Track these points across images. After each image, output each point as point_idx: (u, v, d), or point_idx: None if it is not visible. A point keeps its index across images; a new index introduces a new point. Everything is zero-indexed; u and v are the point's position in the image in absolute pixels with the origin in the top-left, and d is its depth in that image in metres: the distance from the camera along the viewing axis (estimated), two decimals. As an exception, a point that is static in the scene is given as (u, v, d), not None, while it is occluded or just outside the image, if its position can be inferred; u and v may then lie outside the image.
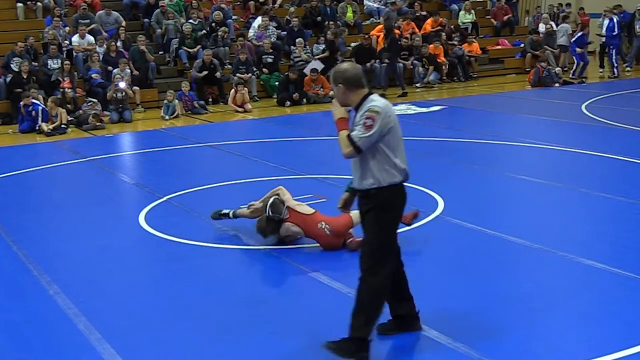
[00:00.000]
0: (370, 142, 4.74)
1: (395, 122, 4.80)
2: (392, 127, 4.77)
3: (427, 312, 5.49)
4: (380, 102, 4.77)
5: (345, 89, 4.82)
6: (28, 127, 14.58)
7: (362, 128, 4.71)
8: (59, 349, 5.23)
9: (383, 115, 4.71)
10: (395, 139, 4.84)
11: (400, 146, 4.90)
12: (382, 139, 4.76)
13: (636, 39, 21.50)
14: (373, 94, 4.84)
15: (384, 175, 4.86)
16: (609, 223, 7.73)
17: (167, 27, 18.95)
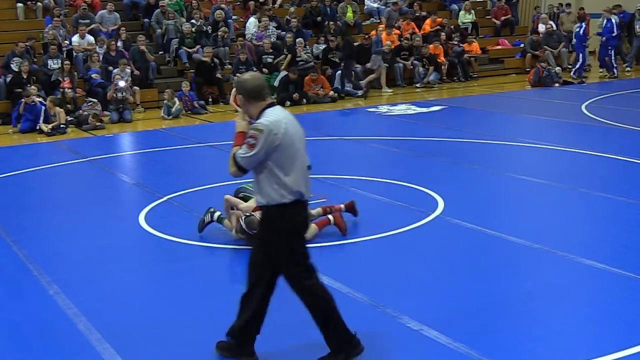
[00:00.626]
0: (254, 162, 4.57)
1: (287, 139, 4.56)
2: (279, 145, 4.53)
3: (427, 312, 5.50)
4: (269, 118, 4.58)
5: (245, 100, 4.70)
6: (28, 127, 14.58)
7: (246, 147, 4.56)
8: (59, 349, 5.23)
9: (267, 133, 4.51)
10: (287, 157, 4.58)
11: (295, 165, 4.61)
12: (270, 156, 4.54)
13: (636, 39, 21.49)
14: (272, 107, 4.67)
15: (272, 194, 4.61)
16: (609, 223, 7.73)
17: (167, 27, 18.95)
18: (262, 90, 4.69)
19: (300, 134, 4.73)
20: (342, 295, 5.91)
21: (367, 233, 7.40)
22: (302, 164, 4.68)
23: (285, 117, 4.66)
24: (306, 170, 4.73)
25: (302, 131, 4.76)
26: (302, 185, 4.65)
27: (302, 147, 4.72)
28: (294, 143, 4.62)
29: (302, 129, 4.78)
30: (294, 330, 5.26)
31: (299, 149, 4.66)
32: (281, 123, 4.59)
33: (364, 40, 19.88)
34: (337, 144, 12.67)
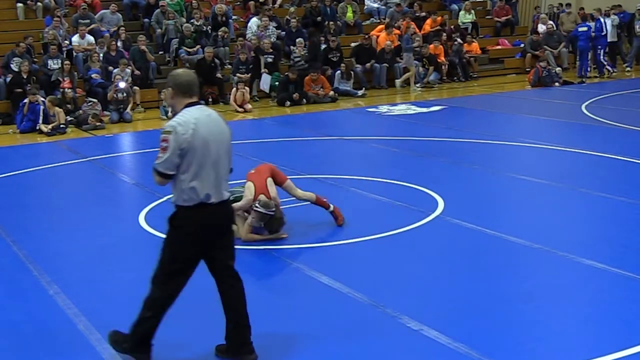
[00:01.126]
0: (169, 164, 4.52)
1: (196, 141, 4.49)
2: (187, 147, 4.48)
3: (427, 312, 5.50)
4: (179, 119, 4.55)
5: (173, 93, 4.69)
6: (28, 127, 14.58)
7: (159, 152, 4.54)
8: (59, 349, 5.23)
9: (175, 135, 4.48)
10: (195, 158, 4.52)
11: (203, 168, 4.54)
12: (185, 157, 4.52)
13: (636, 39, 21.50)
14: (191, 107, 4.62)
15: (179, 194, 4.62)
16: (609, 223, 7.73)
17: (167, 27, 18.94)
18: (191, 87, 4.67)
19: (218, 135, 4.62)
20: (342, 295, 5.92)
21: (367, 233, 7.40)
22: (214, 167, 4.58)
23: (199, 117, 4.57)
24: (221, 174, 4.63)
25: (224, 133, 4.67)
26: (210, 189, 4.58)
27: (220, 149, 4.62)
28: (205, 145, 4.53)
29: (225, 130, 4.69)
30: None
31: (212, 151, 4.57)
32: (190, 124, 4.52)
33: (363, 40, 19.88)
34: (337, 144, 12.67)
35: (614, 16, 21.37)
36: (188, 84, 4.68)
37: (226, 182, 4.73)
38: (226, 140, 4.70)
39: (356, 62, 19.52)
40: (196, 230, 4.65)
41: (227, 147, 4.72)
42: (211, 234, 4.69)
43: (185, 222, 4.65)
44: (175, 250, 4.72)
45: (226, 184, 4.73)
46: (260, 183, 7.35)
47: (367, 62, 19.51)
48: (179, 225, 4.67)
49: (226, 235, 4.84)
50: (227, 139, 4.71)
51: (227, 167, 4.71)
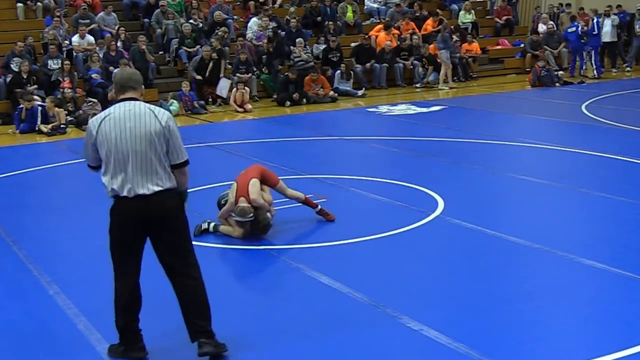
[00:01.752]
0: (87, 157, 4.78)
1: (100, 137, 4.61)
2: (94, 142, 4.65)
3: (427, 312, 5.50)
4: (96, 116, 4.72)
5: (114, 91, 4.85)
6: (28, 128, 14.57)
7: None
8: (59, 349, 5.23)
9: (88, 131, 4.70)
10: (104, 155, 4.66)
11: (110, 165, 4.65)
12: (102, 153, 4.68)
13: (636, 39, 21.49)
14: (118, 103, 4.70)
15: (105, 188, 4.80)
16: (609, 223, 7.73)
17: (167, 27, 18.94)
18: (122, 85, 4.73)
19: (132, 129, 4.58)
20: (342, 295, 5.92)
21: (367, 233, 7.40)
22: (124, 161, 4.61)
23: (113, 112, 4.64)
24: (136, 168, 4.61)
25: (142, 126, 4.60)
26: (118, 183, 4.67)
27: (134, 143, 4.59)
28: (110, 140, 4.59)
29: (146, 123, 4.60)
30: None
31: (122, 145, 4.58)
32: (99, 120, 4.65)
33: (363, 40, 19.89)
34: (337, 144, 12.67)
35: (614, 16, 21.36)
36: (119, 82, 4.76)
37: (149, 175, 4.63)
38: (144, 134, 4.59)
39: (356, 62, 19.52)
40: (115, 222, 4.83)
41: (147, 140, 4.60)
42: (129, 228, 4.77)
43: (111, 213, 4.86)
44: (110, 240, 4.93)
45: (150, 178, 4.64)
46: (242, 184, 7.32)
47: (367, 62, 19.51)
48: (110, 216, 4.88)
49: (157, 231, 4.75)
50: (145, 133, 4.59)
51: (146, 161, 4.62)
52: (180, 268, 4.85)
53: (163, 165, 4.68)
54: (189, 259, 4.89)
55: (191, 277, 4.86)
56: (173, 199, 4.76)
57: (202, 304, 4.86)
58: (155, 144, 4.63)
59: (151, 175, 4.65)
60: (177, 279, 4.87)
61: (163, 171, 4.68)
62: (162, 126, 4.64)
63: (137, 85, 4.77)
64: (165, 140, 4.66)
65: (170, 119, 4.71)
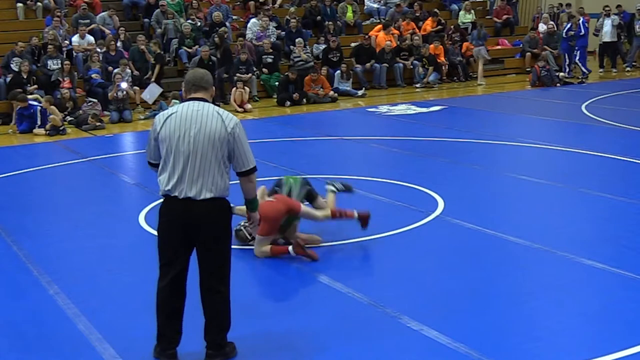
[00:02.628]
0: (149, 152, 4.76)
1: (163, 134, 4.59)
2: (156, 139, 4.65)
3: (427, 312, 5.50)
4: (162, 112, 4.74)
5: (184, 91, 4.91)
6: (27, 128, 14.57)
7: None
8: (59, 349, 5.23)
9: (153, 126, 4.69)
10: (164, 153, 4.62)
11: (168, 163, 4.60)
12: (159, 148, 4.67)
13: (636, 39, 21.50)
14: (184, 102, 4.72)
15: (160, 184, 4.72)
16: (609, 223, 7.73)
17: (166, 27, 18.94)
18: (190, 85, 4.73)
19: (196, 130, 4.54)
20: (342, 295, 5.92)
21: (367, 233, 7.40)
22: (182, 161, 4.56)
23: (178, 111, 4.62)
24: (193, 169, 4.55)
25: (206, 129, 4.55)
26: (172, 182, 4.58)
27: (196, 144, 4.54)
28: (173, 138, 4.56)
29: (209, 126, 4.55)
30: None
31: (182, 145, 4.55)
32: (164, 117, 4.64)
33: (363, 40, 19.89)
34: (337, 144, 12.67)
35: (614, 16, 21.37)
36: (193, 81, 4.73)
37: (204, 180, 4.57)
38: (206, 137, 4.55)
39: (356, 62, 19.52)
40: (162, 220, 4.73)
41: (208, 143, 4.55)
42: (176, 229, 4.65)
43: (160, 212, 4.76)
44: (158, 240, 4.79)
45: (204, 182, 4.57)
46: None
47: (367, 62, 19.51)
48: (159, 213, 4.78)
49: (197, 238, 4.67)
50: (207, 136, 4.55)
51: (207, 164, 4.57)
52: (211, 281, 4.78)
53: (222, 171, 4.62)
54: (222, 273, 4.80)
55: (219, 292, 4.79)
56: (222, 209, 4.69)
57: (221, 319, 4.84)
58: (217, 149, 4.58)
59: (206, 180, 4.58)
60: (205, 291, 4.82)
61: (220, 178, 4.61)
62: (227, 132, 4.59)
63: (207, 86, 4.74)
64: (229, 147, 4.61)
65: (237, 125, 4.63)
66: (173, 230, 4.67)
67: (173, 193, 4.59)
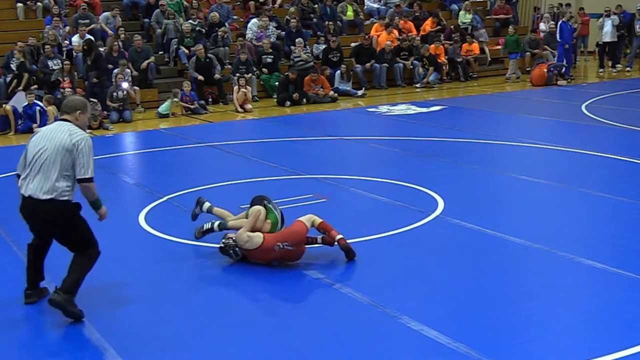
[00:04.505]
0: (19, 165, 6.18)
1: (28, 148, 5.87)
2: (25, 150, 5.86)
3: (427, 312, 5.50)
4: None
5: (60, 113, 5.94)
6: (27, 128, 14.55)
7: None
8: (59, 349, 5.24)
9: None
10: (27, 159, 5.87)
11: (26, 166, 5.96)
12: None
13: (636, 39, 21.50)
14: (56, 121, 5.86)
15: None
16: (609, 223, 7.73)
17: (166, 27, 18.93)
18: (63, 108, 5.82)
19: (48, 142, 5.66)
20: (342, 295, 5.92)
21: (367, 233, 7.40)
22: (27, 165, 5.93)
23: (46, 129, 5.80)
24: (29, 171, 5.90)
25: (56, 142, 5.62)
26: (20, 181, 6.06)
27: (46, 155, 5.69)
28: (32, 149, 5.80)
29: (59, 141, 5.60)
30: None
31: (35, 154, 5.77)
32: (34, 134, 5.90)
33: (364, 40, 19.89)
34: (337, 144, 12.67)
35: (614, 16, 21.37)
36: (63, 105, 5.85)
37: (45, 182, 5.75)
38: (55, 149, 5.61)
39: (356, 62, 19.53)
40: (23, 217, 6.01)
41: (58, 155, 5.63)
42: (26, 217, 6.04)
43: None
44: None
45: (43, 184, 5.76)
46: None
47: (367, 62, 19.51)
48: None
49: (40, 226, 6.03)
50: (56, 148, 5.61)
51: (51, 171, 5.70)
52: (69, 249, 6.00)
53: (61, 176, 5.73)
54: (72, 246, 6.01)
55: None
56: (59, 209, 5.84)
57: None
58: (60, 158, 5.64)
59: (44, 183, 5.74)
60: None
61: (58, 181, 5.74)
62: (73, 144, 5.59)
63: (69, 111, 5.74)
64: (72, 158, 5.63)
65: (82, 140, 5.60)
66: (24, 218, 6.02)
67: (21, 191, 5.90)
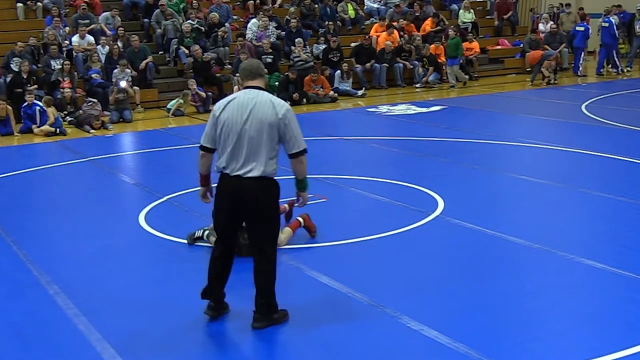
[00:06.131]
0: (205, 136, 5.36)
1: (222, 121, 5.16)
2: (214, 123, 5.23)
3: (427, 312, 5.50)
4: (222, 99, 5.29)
5: (240, 79, 5.41)
6: (27, 128, 14.56)
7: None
8: (59, 349, 5.23)
9: (212, 111, 5.30)
10: (221, 136, 5.19)
11: (225, 144, 5.17)
12: (219, 132, 5.21)
13: (636, 39, 21.50)
14: (241, 90, 5.27)
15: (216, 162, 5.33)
16: (608, 223, 7.73)
17: (166, 27, 18.93)
18: (245, 74, 5.27)
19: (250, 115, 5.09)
20: (342, 295, 5.92)
21: (367, 233, 7.40)
22: (234, 142, 5.12)
23: (236, 98, 5.16)
24: (242, 150, 5.10)
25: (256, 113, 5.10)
26: (225, 161, 5.17)
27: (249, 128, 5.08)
28: (230, 124, 5.12)
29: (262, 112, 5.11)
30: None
31: (236, 128, 5.10)
32: (223, 103, 5.22)
33: (364, 40, 19.89)
34: (337, 144, 12.67)
35: (614, 16, 21.37)
36: (243, 71, 5.29)
37: (254, 158, 5.10)
38: (260, 123, 5.08)
39: (356, 62, 19.53)
40: (220, 194, 5.25)
41: (263, 128, 5.09)
42: (228, 202, 5.20)
43: (218, 185, 5.30)
44: (216, 211, 5.35)
45: (253, 161, 5.10)
46: None
47: (367, 62, 19.51)
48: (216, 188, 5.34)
49: (248, 212, 5.18)
50: (263, 121, 5.08)
51: (257, 146, 5.09)
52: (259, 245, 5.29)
53: (268, 152, 5.12)
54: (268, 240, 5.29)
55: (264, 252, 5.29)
56: (268, 188, 5.19)
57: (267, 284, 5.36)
58: (270, 133, 5.12)
59: (254, 160, 5.10)
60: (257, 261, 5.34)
61: (266, 158, 5.11)
62: (279, 118, 5.14)
63: (257, 75, 5.28)
64: (279, 131, 5.14)
65: (288, 111, 5.21)
66: (225, 202, 5.23)
67: (226, 170, 5.17)
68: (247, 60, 5.48)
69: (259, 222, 5.19)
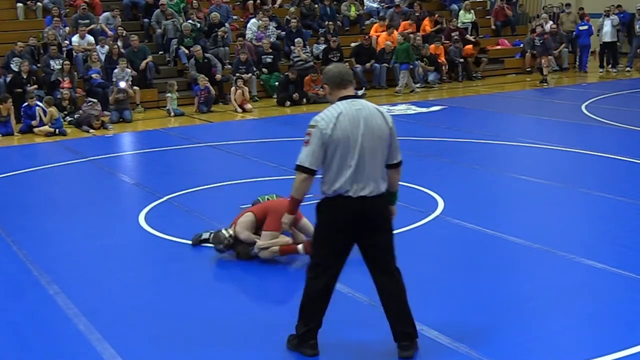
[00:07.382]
0: (311, 157, 4.60)
1: (336, 140, 4.54)
2: (327, 141, 4.55)
3: (427, 312, 5.49)
4: (324, 113, 4.61)
5: (329, 88, 4.75)
6: (27, 128, 14.56)
7: (303, 146, 4.65)
8: (59, 349, 5.23)
9: (318, 129, 4.56)
10: (335, 155, 4.58)
11: (334, 161, 4.59)
12: (332, 151, 4.58)
13: (636, 39, 21.49)
14: (342, 100, 4.66)
15: (322, 185, 4.75)
16: (608, 223, 7.73)
17: (166, 27, 18.93)
18: (339, 79, 4.70)
19: (365, 130, 4.56)
20: (342, 295, 5.91)
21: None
22: (355, 161, 4.56)
23: (343, 112, 4.57)
24: (365, 168, 4.58)
25: (374, 127, 4.59)
26: (346, 183, 4.58)
27: (367, 143, 4.56)
28: (346, 142, 4.54)
29: (377, 124, 4.61)
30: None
31: (354, 145, 4.55)
32: (332, 118, 4.56)
33: (364, 40, 19.89)
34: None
35: (614, 16, 21.36)
36: (335, 76, 4.71)
37: (375, 176, 4.62)
38: (376, 136, 4.60)
39: (356, 62, 19.52)
40: (331, 218, 4.70)
41: (379, 141, 4.62)
42: (347, 226, 4.68)
43: (324, 212, 4.74)
44: (319, 239, 4.82)
45: (375, 178, 4.62)
46: (240, 215, 7.01)
47: (367, 62, 19.51)
48: (319, 215, 4.77)
49: (370, 231, 4.71)
50: (378, 135, 4.61)
51: (376, 162, 4.62)
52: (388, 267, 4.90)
53: (383, 167, 4.70)
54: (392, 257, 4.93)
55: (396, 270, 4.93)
56: (386, 202, 4.78)
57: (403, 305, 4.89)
58: (383, 145, 4.65)
59: (377, 177, 4.66)
60: (384, 278, 4.90)
61: (383, 173, 4.70)
62: (389, 127, 4.68)
63: (350, 83, 4.75)
64: (389, 142, 4.68)
65: (392, 120, 4.73)
66: (341, 229, 4.71)
67: (347, 193, 4.60)
68: (333, 66, 4.84)
69: (380, 237, 4.77)
